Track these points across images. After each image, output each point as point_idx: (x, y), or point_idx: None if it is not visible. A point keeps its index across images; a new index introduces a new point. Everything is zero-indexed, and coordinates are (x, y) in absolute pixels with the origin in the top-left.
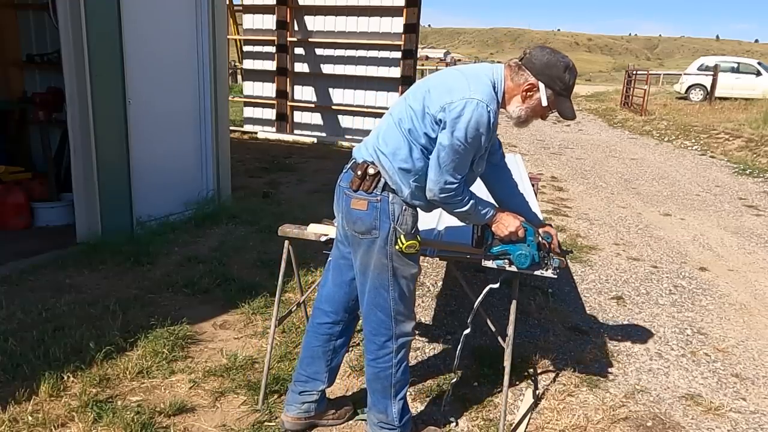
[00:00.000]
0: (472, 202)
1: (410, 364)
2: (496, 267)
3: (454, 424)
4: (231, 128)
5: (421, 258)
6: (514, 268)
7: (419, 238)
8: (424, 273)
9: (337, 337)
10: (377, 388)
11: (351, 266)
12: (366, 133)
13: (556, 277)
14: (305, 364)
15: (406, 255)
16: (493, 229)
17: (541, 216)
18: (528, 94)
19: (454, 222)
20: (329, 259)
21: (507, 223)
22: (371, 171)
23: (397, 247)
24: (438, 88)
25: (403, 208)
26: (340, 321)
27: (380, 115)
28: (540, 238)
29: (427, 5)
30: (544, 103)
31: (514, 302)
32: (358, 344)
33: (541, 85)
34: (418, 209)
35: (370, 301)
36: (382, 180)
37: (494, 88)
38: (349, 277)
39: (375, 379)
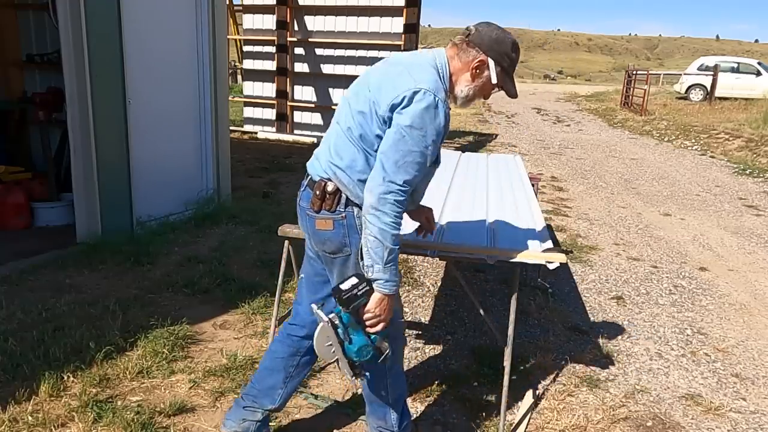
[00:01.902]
0: (400, 230)
1: (410, 365)
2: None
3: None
4: (231, 128)
5: (422, 258)
6: (340, 356)
7: None
8: (423, 273)
9: (303, 354)
10: (374, 398)
11: (325, 282)
12: None
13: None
14: (262, 376)
15: None
16: (374, 301)
17: (542, 216)
18: (477, 71)
19: (455, 222)
20: (301, 275)
21: (391, 306)
22: (330, 188)
23: None
24: (381, 86)
25: None
26: (311, 336)
27: None
28: (385, 342)
29: (427, 5)
30: (494, 80)
31: (514, 302)
32: None
33: (491, 62)
34: None
35: None
36: (344, 196)
37: (439, 74)
38: (324, 294)
39: (370, 391)
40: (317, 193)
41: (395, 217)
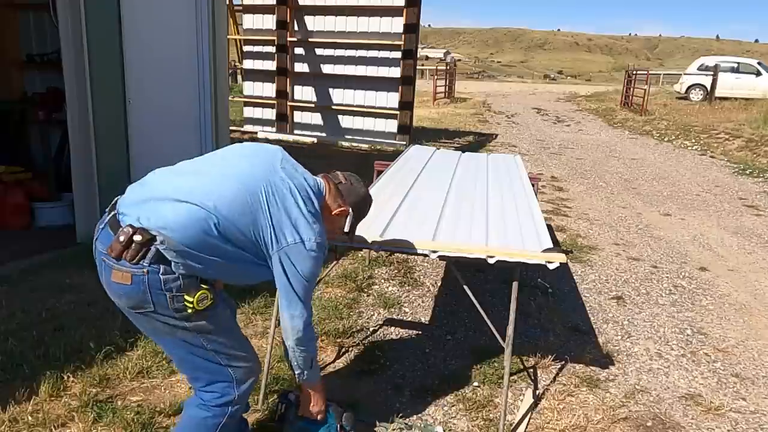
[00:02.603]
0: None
1: (410, 365)
2: None
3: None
4: (231, 128)
5: (421, 258)
6: None
7: (207, 286)
8: (423, 273)
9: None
10: None
11: None
12: (367, 133)
13: None
14: None
15: (203, 311)
16: (308, 400)
17: (542, 216)
18: (337, 217)
19: (454, 222)
20: None
21: (322, 398)
22: (138, 238)
23: (189, 310)
24: (278, 216)
25: (179, 276)
26: None
27: (380, 115)
28: (342, 422)
29: (427, 5)
30: (346, 229)
31: (513, 302)
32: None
33: (351, 216)
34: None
35: (191, 363)
36: (153, 249)
37: (320, 203)
38: None
39: (197, 427)
40: (121, 239)
41: (312, 331)
